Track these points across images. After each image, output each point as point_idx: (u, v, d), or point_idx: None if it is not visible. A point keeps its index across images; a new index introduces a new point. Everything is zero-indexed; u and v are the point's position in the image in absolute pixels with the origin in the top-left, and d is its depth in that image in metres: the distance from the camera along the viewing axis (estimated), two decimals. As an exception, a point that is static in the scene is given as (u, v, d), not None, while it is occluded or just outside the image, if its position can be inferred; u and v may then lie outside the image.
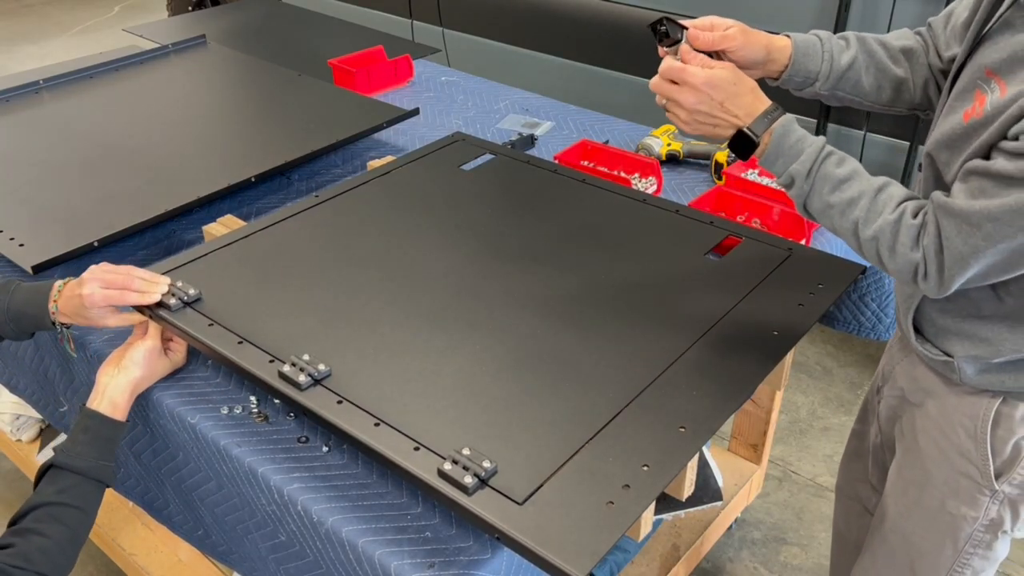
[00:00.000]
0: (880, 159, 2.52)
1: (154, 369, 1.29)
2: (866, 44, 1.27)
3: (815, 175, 1.09)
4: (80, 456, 1.18)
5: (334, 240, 1.52)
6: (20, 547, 1.09)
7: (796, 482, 2.44)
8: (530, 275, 1.41)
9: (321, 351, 1.22)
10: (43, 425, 2.26)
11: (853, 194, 1.07)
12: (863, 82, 1.27)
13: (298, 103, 2.09)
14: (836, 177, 1.08)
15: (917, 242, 1.03)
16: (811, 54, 1.25)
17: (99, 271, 1.29)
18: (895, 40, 1.28)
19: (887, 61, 1.26)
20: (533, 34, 3.22)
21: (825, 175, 1.08)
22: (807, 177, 1.09)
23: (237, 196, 1.80)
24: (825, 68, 1.25)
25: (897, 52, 1.27)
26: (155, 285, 1.31)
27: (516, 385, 1.17)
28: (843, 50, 1.26)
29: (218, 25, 2.97)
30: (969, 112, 1.03)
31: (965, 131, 1.02)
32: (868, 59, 1.26)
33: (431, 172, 1.75)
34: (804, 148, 1.10)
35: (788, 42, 1.24)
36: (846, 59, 1.25)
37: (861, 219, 1.06)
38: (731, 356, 1.22)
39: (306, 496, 1.12)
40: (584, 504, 0.99)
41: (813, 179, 1.09)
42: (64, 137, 1.93)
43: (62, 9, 6.83)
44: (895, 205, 1.05)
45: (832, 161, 1.09)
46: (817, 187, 1.09)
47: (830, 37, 1.27)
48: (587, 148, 1.93)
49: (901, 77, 1.27)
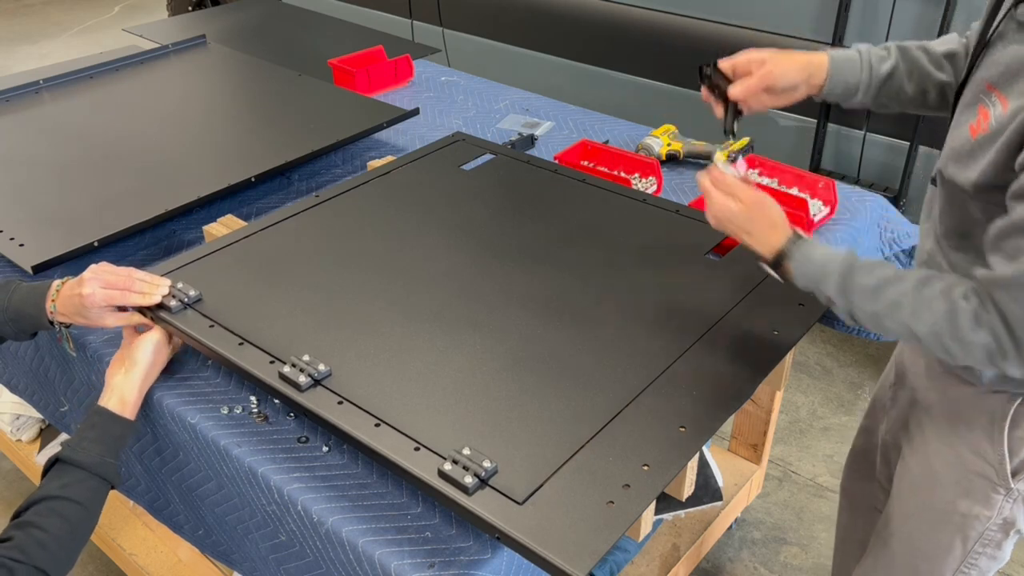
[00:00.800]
0: (880, 159, 2.52)
1: (162, 360, 1.31)
2: (907, 52, 1.27)
3: (849, 292, 1.09)
4: (86, 452, 1.18)
5: (334, 240, 1.52)
6: (19, 540, 1.08)
7: (796, 482, 2.44)
8: (530, 275, 1.41)
9: (321, 351, 1.22)
10: (43, 425, 2.26)
11: (894, 297, 1.06)
12: (906, 89, 1.28)
13: (298, 103, 2.09)
14: (869, 287, 1.07)
15: (979, 324, 0.99)
16: (849, 67, 1.26)
17: (99, 271, 1.29)
18: (939, 46, 1.28)
19: (929, 67, 1.27)
20: (533, 34, 3.22)
21: (859, 288, 1.08)
22: (842, 295, 1.10)
23: (237, 196, 1.80)
24: (865, 78, 1.26)
25: (939, 57, 1.27)
26: (156, 287, 1.31)
27: (516, 385, 1.17)
28: (883, 60, 1.27)
29: (218, 25, 2.97)
30: (975, 127, 1.03)
31: (973, 147, 1.02)
32: (910, 66, 1.27)
33: (431, 172, 1.75)
34: (829, 270, 1.10)
35: (825, 57, 1.26)
36: (886, 68, 1.26)
37: (912, 319, 1.05)
38: (731, 356, 1.22)
39: (306, 496, 1.12)
40: (584, 504, 0.99)
41: (849, 295, 1.09)
42: (64, 137, 1.93)
43: (62, 9, 6.83)
44: (942, 296, 1.03)
45: (860, 273, 1.09)
46: (856, 301, 1.09)
47: (870, 49, 1.28)
48: (587, 148, 1.93)
49: (944, 81, 1.26)
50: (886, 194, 2.40)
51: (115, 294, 1.28)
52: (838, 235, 1.69)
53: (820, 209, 1.72)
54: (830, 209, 1.73)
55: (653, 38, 2.87)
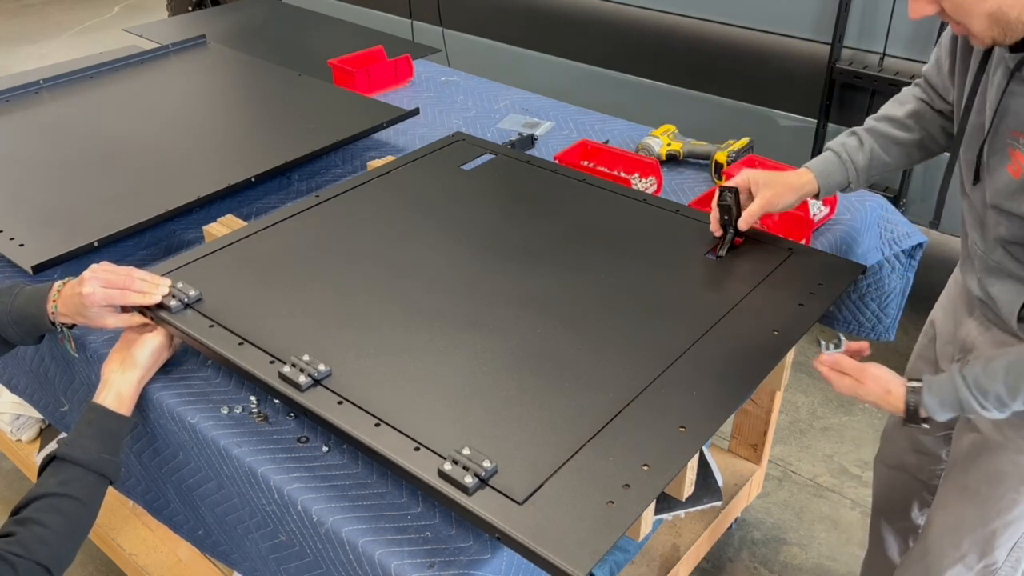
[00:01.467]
0: (880, 159, 2.52)
1: (160, 362, 1.31)
2: (876, 131, 1.42)
3: (988, 402, 1.17)
4: (83, 448, 1.18)
5: (334, 240, 1.52)
6: (20, 536, 1.09)
7: (796, 482, 2.44)
8: (530, 275, 1.41)
9: (321, 351, 1.22)
10: (43, 425, 2.26)
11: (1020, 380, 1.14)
12: (889, 162, 1.43)
13: (298, 103, 2.09)
14: (999, 388, 1.16)
15: None
16: (834, 171, 1.42)
17: (100, 270, 1.29)
18: (899, 110, 1.42)
19: (901, 134, 1.42)
20: (533, 34, 3.22)
21: (992, 393, 1.17)
22: (984, 407, 1.18)
23: (237, 196, 1.80)
24: (852, 174, 1.42)
25: (905, 119, 1.42)
26: (156, 286, 1.31)
27: (516, 385, 1.17)
28: (858, 150, 1.42)
29: (218, 25, 2.97)
30: (1013, 168, 1.16)
31: (1021, 185, 1.15)
32: (883, 143, 1.42)
33: (431, 172, 1.75)
34: (958, 393, 1.19)
35: (811, 175, 1.41)
36: (864, 158, 1.41)
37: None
38: (731, 356, 1.22)
39: (306, 496, 1.12)
40: (584, 504, 0.99)
41: (990, 403, 1.17)
42: (64, 137, 1.93)
43: (62, 9, 6.83)
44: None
45: (981, 380, 1.17)
46: (1003, 399, 1.16)
47: (843, 145, 1.43)
48: (587, 148, 1.93)
49: (919, 139, 1.42)
50: (886, 194, 2.40)
51: (115, 293, 1.28)
52: (838, 235, 1.69)
53: (820, 209, 1.72)
54: (830, 209, 1.73)
55: (653, 38, 2.87)
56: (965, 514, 1.42)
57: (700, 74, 2.81)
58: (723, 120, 2.79)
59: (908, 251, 1.81)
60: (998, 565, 1.45)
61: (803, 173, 1.42)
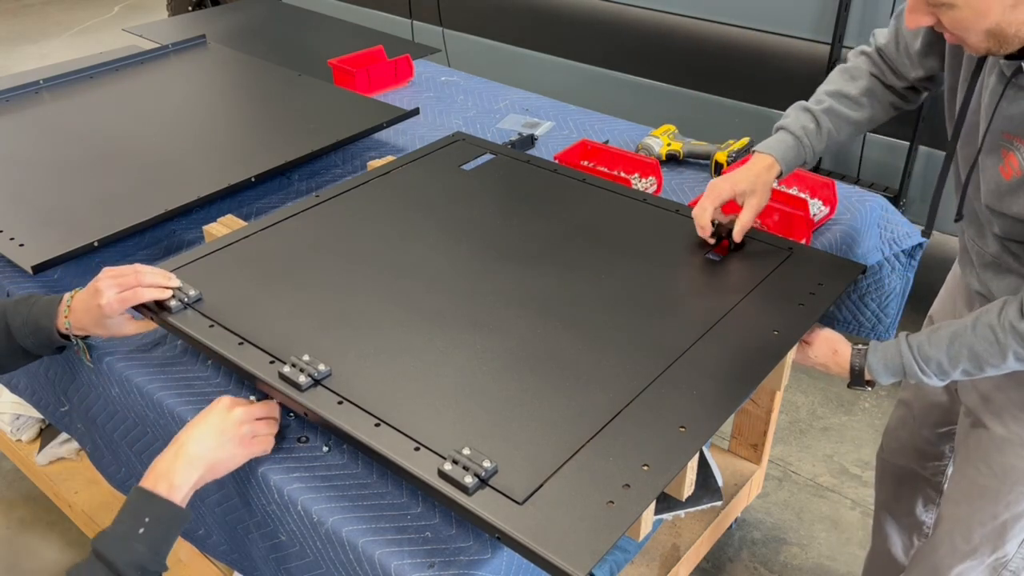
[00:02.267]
0: (880, 159, 2.52)
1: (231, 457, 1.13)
2: (832, 112, 1.44)
3: (930, 369, 1.23)
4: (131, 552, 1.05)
5: (334, 240, 1.52)
6: None
7: (796, 482, 2.44)
8: (530, 275, 1.41)
9: (321, 351, 1.22)
10: (43, 425, 2.26)
11: (965, 352, 1.19)
12: (843, 138, 1.47)
13: (298, 103, 2.09)
14: (941, 357, 1.21)
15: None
16: (794, 157, 1.45)
17: (108, 278, 1.28)
18: (853, 87, 1.45)
19: (853, 113, 1.45)
20: (533, 34, 3.22)
21: (934, 361, 1.22)
22: (925, 375, 1.23)
23: (237, 196, 1.80)
24: (809, 155, 1.45)
25: (859, 97, 1.44)
26: (166, 278, 1.32)
27: (516, 385, 1.17)
28: (816, 133, 1.44)
29: (218, 25, 2.97)
30: (1005, 169, 1.17)
31: (1014, 186, 1.16)
32: (836, 122, 1.45)
33: (431, 172, 1.75)
34: (902, 358, 1.24)
35: (772, 160, 1.44)
36: (820, 140, 1.45)
37: (991, 358, 1.18)
38: (731, 356, 1.22)
39: (306, 496, 1.12)
40: (584, 504, 0.99)
41: (931, 371, 1.23)
42: (64, 137, 1.93)
43: (62, 9, 6.83)
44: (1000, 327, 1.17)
45: (925, 348, 1.23)
46: (944, 369, 1.22)
47: (803, 128, 1.44)
48: (587, 148, 1.93)
49: (870, 115, 1.46)
50: (886, 194, 2.40)
51: (128, 295, 1.27)
52: (838, 235, 1.69)
53: (820, 209, 1.72)
54: (830, 209, 1.73)
55: (653, 38, 2.87)
56: (975, 508, 1.43)
57: (700, 74, 2.81)
58: (723, 120, 2.79)
59: (908, 251, 1.81)
60: (1009, 557, 1.47)
61: (769, 163, 1.43)
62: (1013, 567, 1.48)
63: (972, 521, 1.44)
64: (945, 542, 1.49)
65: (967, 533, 1.46)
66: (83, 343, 1.34)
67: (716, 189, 1.43)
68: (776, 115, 2.47)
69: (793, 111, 1.47)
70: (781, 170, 1.44)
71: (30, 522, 2.30)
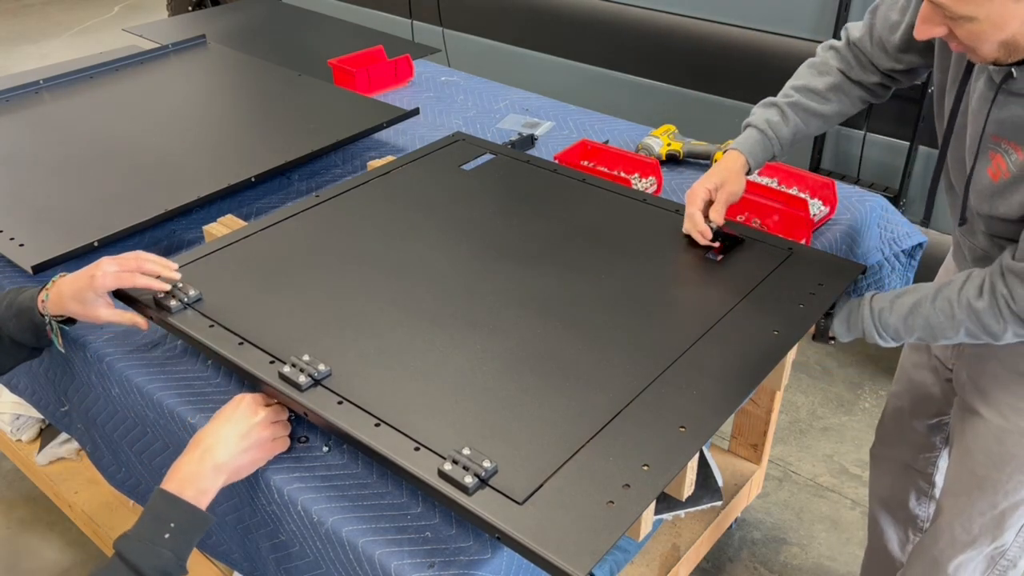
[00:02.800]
0: (880, 159, 2.52)
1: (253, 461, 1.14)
2: (798, 106, 1.48)
3: (887, 334, 1.29)
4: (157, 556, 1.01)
5: (334, 240, 1.52)
6: None
7: (796, 482, 2.44)
8: (530, 275, 1.41)
9: (321, 351, 1.22)
10: (43, 425, 2.26)
11: (921, 322, 1.25)
12: (810, 132, 1.51)
13: (298, 103, 2.09)
14: (899, 324, 1.27)
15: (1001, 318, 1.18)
16: (761, 152, 1.49)
17: (110, 258, 1.28)
18: (820, 82, 1.47)
19: (819, 106, 1.47)
20: (533, 34, 3.22)
21: (891, 327, 1.28)
22: (881, 338, 1.29)
23: (237, 196, 1.80)
24: (777, 149, 1.49)
25: (826, 92, 1.47)
26: (167, 268, 1.31)
27: (516, 385, 1.17)
28: (782, 125, 1.48)
29: (218, 25, 2.97)
30: (993, 171, 1.20)
31: (1000, 188, 1.19)
32: (804, 116, 1.48)
33: (431, 172, 1.75)
34: (862, 319, 1.30)
35: (743, 159, 1.48)
36: (788, 133, 1.48)
37: (945, 331, 1.23)
38: (731, 356, 1.22)
39: (306, 496, 1.12)
40: (584, 504, 0.99)
41: (888, 335, 1.29)
42: (64, 137, 1.93)
43: (62, 9, 6.83)
44: (958, 303, 1.21)
45: (885, 314, 1.28)
46: (900, 335, 1.28)
47: (768, 123, 1.48)
48: (587, 148, 1.93)
49: (837, 110, 1.49)
50: (886, 194, 2.40)
51: (125, 275, 1.26)
52: (838, 235, 1.69)
53: (820, 209, 1.72)
54: (830, 209, 1.73)
55: (653, 38, 2.86)
56: (974, 499, 1.44)
57: (700, 74, 2.81)
58: (723, 120, 2.78)
59: (908, 251, 1.81)
60: (1007, 546, 1.48)
61: (736, 157, 1.48)
62: (1011, 556, 1.49)
63: (972, 511, 1.45)
64: (945, 533, 1.50)
65: (967, 524, 1.46)
66: (56, 325, 1.31)
67: (692, 194, 1.47)
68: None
69: (759, 107, 1.51)
70: (749, 165, 1.48)
71: (30, 522, 2.30)
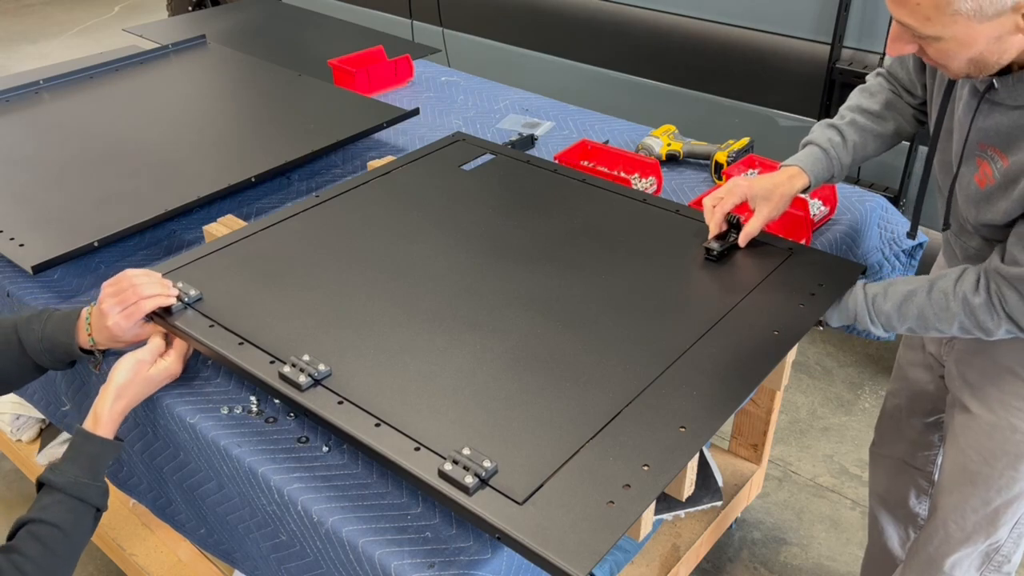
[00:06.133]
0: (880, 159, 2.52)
1: (144, 380, 1.25)
2: (856, 125, 1.47)
3: (879, 320, 1.29)
4: (61, 473, 1.15)
5: (334, 240, 1.52)
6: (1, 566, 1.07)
7: (796, 482, 2.44)
8: (530, 275, 1.41)
9: (321, 351, 1.22)
10: (43, 425, 2.26)
11: (915, 311, 1.25)
12: (870, 152, 1.49)
13: (298, 103, 2.09)
14: (892, 311, 1.28)
15: (996, 314, 1.19)
16: (822, 169, 1.46)
17: (108, 298, 1.28)
18: (874, 102, 1.47)
19: (877, 126, 1.47)
20: (533, 34, 3.22)
21: (884, 314, 1.29)
22: (873, 324, 1.30)
23: (237, 196, 1.80)
24: (837, 169, 1.47)
25: (881, 111, 1.47)
26: (162, 285, 1.32)
27: (516, 385, 1.17)
28: (842, 146, 1.46)
29: (218, 25, 2.97)
30: (980, 178, 1.21)
31: (985, 195, 1.20)
32: (863, 136, 1.47)
33: (431, 172, 1.75)
34: (856, 305, 1.31)
35: (801, 173, 1.44)
36: (847, 154, 1.47)
37: (938, 323, 1.24)
38: (731, 356, 1.22)
39: (306, 496, 1.12)
40: (584, 504, 0.99)
41: (879, 322, 1.29)
42: (64, 137, 1.93)
43: (62, 9, 6.83)
44: (954, 296, 1.22)
45: (879, 300, 1.29)
46: (892, 323, 1.29)
47: (829, 141, 1.46)
48: (587, 148, 1.93)
49: (895, 128, 1.48)
50: (886, 194, 2.40)
51: (132, 310, 1.28)
52: (838, 235, 1.69)
53: (820, 209, 1.72)
54: (830, 209, 1.73)
55: (653, 38, 2.86)
56: (968, 495, 1.44)
57: (700, 74, 2.81)
58: (723, 120, 2.79)
59: (908, 251, 1.81)
60: (1001, 542, 1.48)
61: (795, 174, 1.44)
62: (1006, 551, 1.50)
63: (965, 508, 1.46)
64: (940, 531, 1.51)
65: (961, 521, 1.47)
66: (100, 355, 1.34)
67: (736, 188, 1.43)
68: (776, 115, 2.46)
69: (818, 127, 1.49)
70: (809, 181, 1.43)
71: (30, 522, 2.30)
